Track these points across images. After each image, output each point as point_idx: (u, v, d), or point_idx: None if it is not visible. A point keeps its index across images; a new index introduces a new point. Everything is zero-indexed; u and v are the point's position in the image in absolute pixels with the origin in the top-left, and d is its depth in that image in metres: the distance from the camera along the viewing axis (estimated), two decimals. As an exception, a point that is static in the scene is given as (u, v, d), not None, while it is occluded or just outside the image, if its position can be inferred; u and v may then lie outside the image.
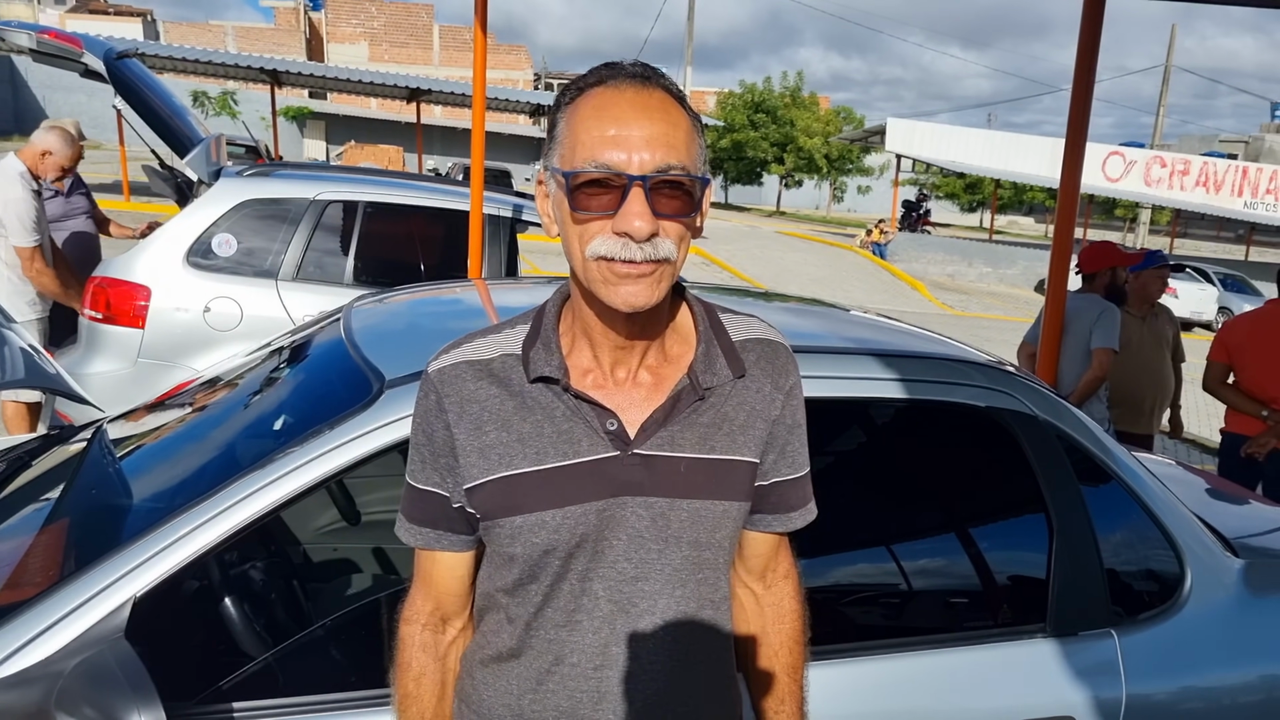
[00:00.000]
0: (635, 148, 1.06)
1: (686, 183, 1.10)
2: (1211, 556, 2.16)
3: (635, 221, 1.06)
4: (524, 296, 2.63)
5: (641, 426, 1.18)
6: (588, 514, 1.17)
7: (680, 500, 1.19)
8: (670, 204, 1.09)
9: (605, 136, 1.07)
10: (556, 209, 1.16)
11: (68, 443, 2.57)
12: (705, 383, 1.20)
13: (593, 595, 1.19)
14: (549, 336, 1.21)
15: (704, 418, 1.21)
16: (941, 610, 2.09)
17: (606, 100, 1.09)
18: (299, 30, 50.24)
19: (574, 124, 1.11)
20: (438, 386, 1.22)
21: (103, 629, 1.48)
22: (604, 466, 1.17)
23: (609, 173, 1.07)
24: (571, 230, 1.12)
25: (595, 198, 1.08)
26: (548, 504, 1.16)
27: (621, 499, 1.18)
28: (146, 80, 5.13)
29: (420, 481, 1.26)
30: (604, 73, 1.13)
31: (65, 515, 2.00)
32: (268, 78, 22.33)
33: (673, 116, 1.10)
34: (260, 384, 2.31)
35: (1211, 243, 46.79)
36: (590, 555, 1.18)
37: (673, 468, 1.19)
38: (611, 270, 1.09)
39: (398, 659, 1.31)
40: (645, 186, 1.06)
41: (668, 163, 1.07)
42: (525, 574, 1.20)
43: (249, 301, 4.56)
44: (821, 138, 42.13)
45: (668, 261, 1.10)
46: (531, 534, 1.17)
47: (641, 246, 1.07)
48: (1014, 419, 2.02)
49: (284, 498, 1.60)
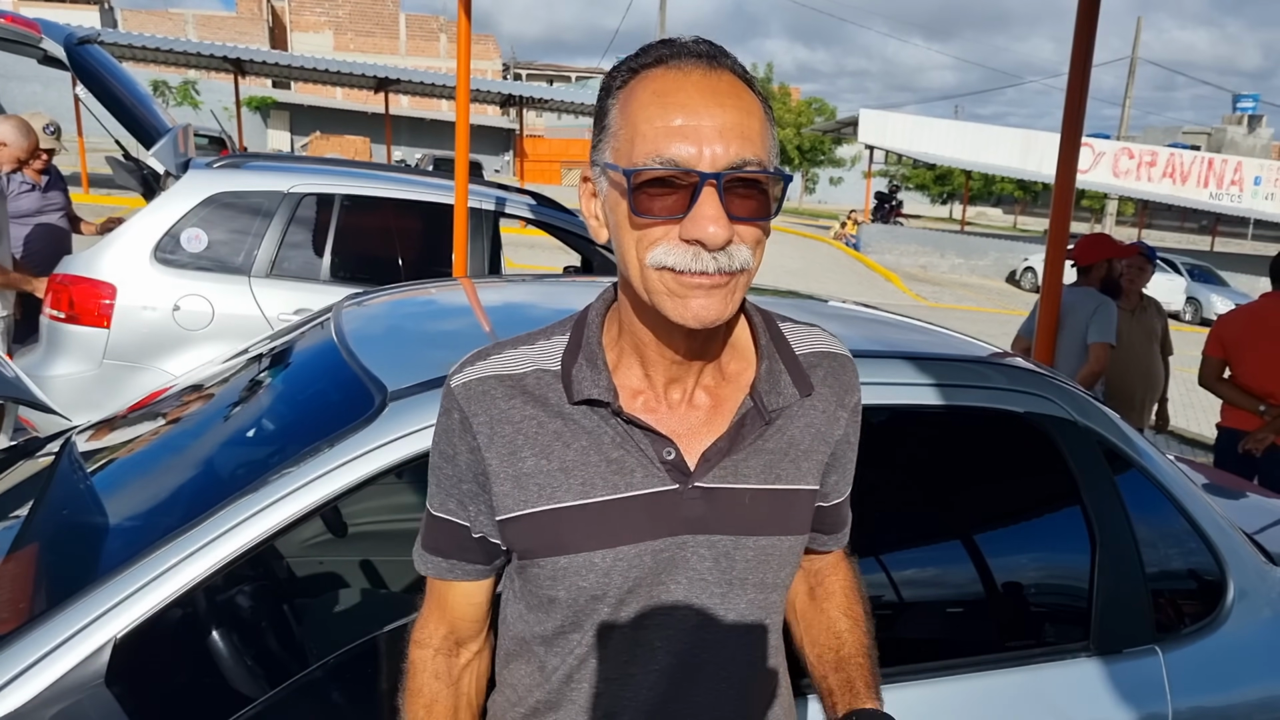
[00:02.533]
0: (707, 140, 0.91)
1: (764, 180, 0.95)
2: (1254, 566, 2.07)
3: (710, 227, 0.91)
4: (523, 296, 2.49)
5: (703, 456, 1.04)
6: (643, 555, 1.03)
7: (746, 538, 1.06)
8: (746, 205, 0.94)
9: (671, 127, 0.92)
10: (609, 210, 1.00)
11: (33, 456, 2.39)
12: (771, 404, 1.07)
13: (649, 646, 1.06)
14: (594, 351, 1.06)
15: (770, 444, 1.07)
16: (980, 630, 1.98)
17: (670, 84, 0.94)
18: (262, 19, 49.38)
19: (631, 112, 0.95)
20: (463, 404, 1.06)
21: (80, 675, 1.34)
22: (661, 501, 1.03)
23: (677, 170, 0.91)
24: (627, 235, 0.96)
25: (659, 199, 0.93)
26: (597, 543, 1.03)
27: (681, 538, 1.04)
28: (109, 67, 4.92)
29: (436, 508, 1.13)
30: (663, 51, 0.97)
31: (34, 540, 1.84)
32: (231, 67, 21.91)
33: (746, 103, 0.95)
34: (247, 394, 2.15)
35: (1176, 233, 47.41)
36: (645, 601, 1.04)
37: (737, 501, 1.05)
38: (679, 281, 0.94)
39: (408, 685, 1.19)
40: (719, 186, 0.91)
41: (743, 157, 0.92)
42: (568, 621, 1.07)
43: (220, 299, 4.38)
44: (793, 129, 42.12)
45: (743, 272, 0.96)
46: (578, 577, 1.03)
47: (715, 256, 0.92)
48: (1053, 424, 1.91)
49: (280, 524, 1.46)
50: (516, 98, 24.53)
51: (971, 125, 29.00)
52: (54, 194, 5.25)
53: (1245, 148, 48.72)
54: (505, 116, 43.15)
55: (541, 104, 26.44)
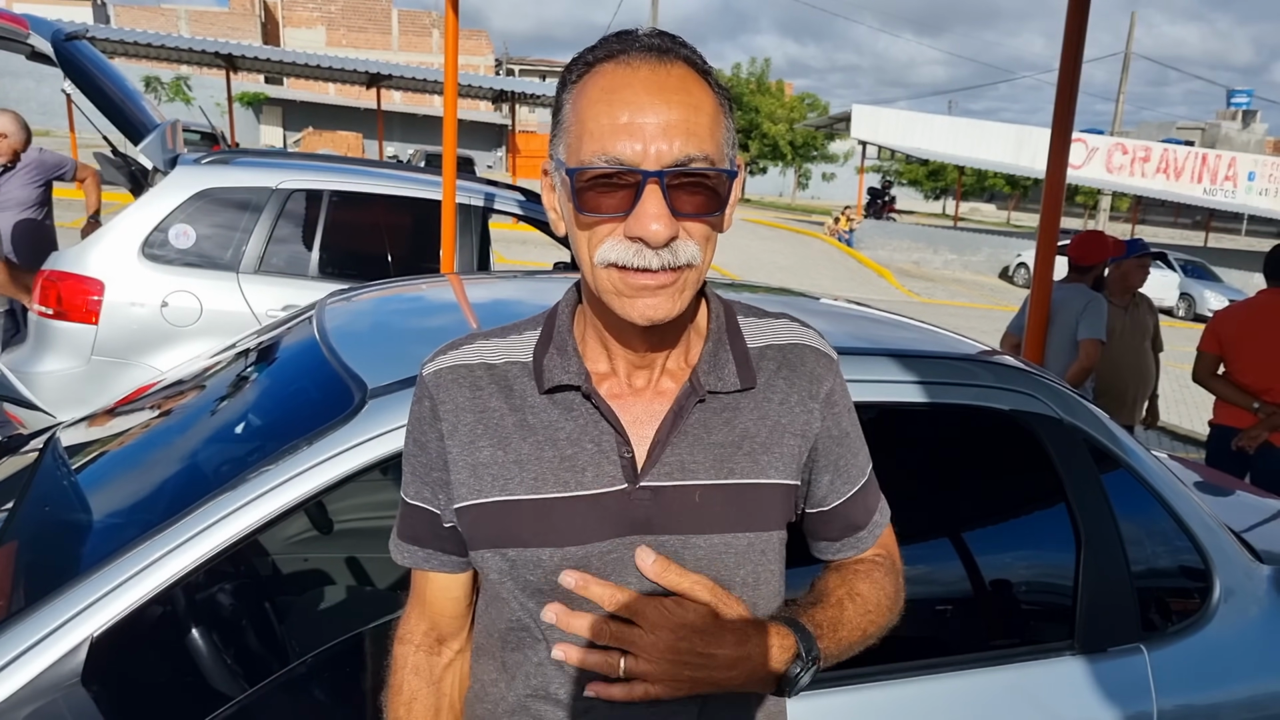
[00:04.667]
0: (651, 138, 0.91)
1: (711, 177, 0.95)
2: (1240, 565, 2.06)
3: (651, 225, 0.91)
4: (509, 292, 2.47)
5: (649, 449, 1.03)
6: (589, 556, 1.02)
7: (695, 537, 1.03)
8: (692, 201, 0.94)
9: (616, 125, 0.92)
10: (563, 206, 1.01)
11: (17, 453, 2.37)
12: (709, 385, 1.05)
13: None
14: (564, 340, 1.07)
15: (717, 436, 1.05)
16: (965, 629, 1.97)
17: (618, 80, 0.93)
18: (254, 14, 49.16)
19: (580, 109, 0.95)
20: (433, 391, 1.08)
21: (56, 673, 1.33)
22: (607, 501, 1.02)
23: (620, 168, 0.92)
24: (578, 232, 0.97)
25: (605, 196, 0.93)
26: (543, 540, 1.02)
27: (628, 539, 1.02)
28: (97, 63, 4.88)
29: (411, 496, 1.13)
30: (614, 45, 0.96)
31: (14, 538, 1.82)
32: (223, 62, 21.79)
33: (695, 97, 0.94)
34: (228, 391, 2.14)
35: (1170, 229, 47.50)
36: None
37: (685, 498, 1.03)
38: (625, 281, 0.94)
39: (390, 681, 1.19)
40: (662, 183, 0.91)
41: (688, 154, 0.92)
42: (519, 620, 1.06)
43: (209, 295, 4.36)
44: (786, 124, 42.06)
45: (690, 267, 0.96)
46: (526, 570, 1.03)
47: (659, 253, 0.93)
48: (1039, 423, 1.90)
49: (259, 521, 1.45)
50: (509, 93, 24.44)
51: (965, 120, 29.03)
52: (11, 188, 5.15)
53: (1239, 143, 48.79)
54: (498, 112, 43.08)
55: (533, 99, 26.35)
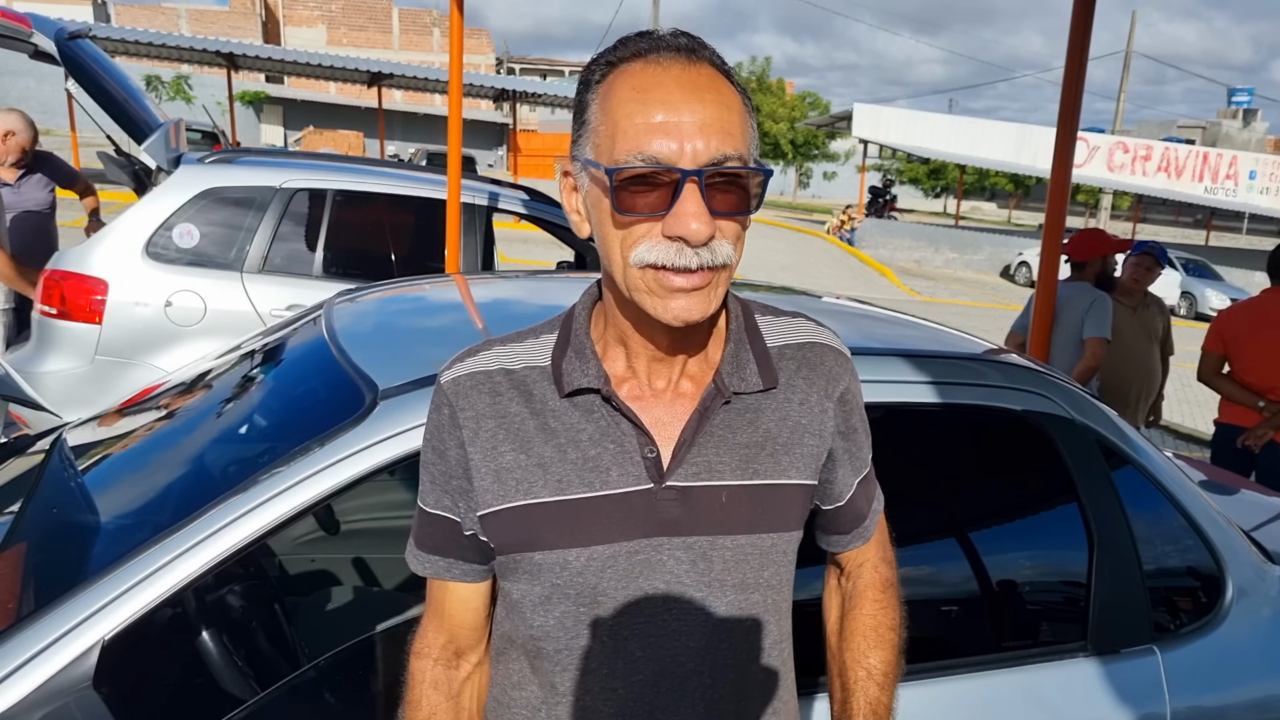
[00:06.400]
0: (688, 136, 0.91)
1: (745, 175, 0.95)
2: (1252, 565, 2.05)
3: (692, 224, 0.91)
4: (517, 292, 2.47)
5: (674, 450, 1.03)
6: (617, 556, 1.02)
7: (723, 538, 1.04)
8: (727, 200, 0.94)
9: (652, 124, 0.91)
10: (592, 206, 1.00)
11: (24, 454, 2.37)
12: (733, 386, 1.05)
13: (629, 656, 1.04)
14: (582, 343, 1.06)
15: (742, 437, 1.06)
16: (977, 631, 1.96)
17: (649, 79, 0.93)
18: (254, 13, 49.14)
19: (611, 108, 0.95)
20: (452, 399, 1.07)
21: (67, 677, 1.32)
22: (634, 501, 1.02)
23: (659, 167, 0.91)
24: (611, 232, 0.96)
25: (642, 196, 0.93)
26: (570, 541, 1.02)
27: (656, 540, 1.03)
28: (100, 62, 4.88)
29: (430, 505, 1.12)
30: (641, 44, 0.96)
31: (22, 540, 1.82)
32: (224, 61, 21.81)
33: (725, 97, 0.95)
34: (236, 392, 2.13)
35: (1171, 228, 47.45)
36: (622, 606, 1.02)
37: (713, 499, 1.03)
38: (660, 281, 0.94)
39: (407, 696, 1.17)
40: (700, 182, 0.91)
41: (724, 152, 0.92)
42: (546, 623, 1.06)
43: (212, 295, 4.36)
44: (787, 123, 42.03)
45: (725, 267, 0.96)
46: (552, 574, 1.03)
47: (698, 252, 0.93)
48: (1050, 422, 1.90)
49: (271, 524, 1.44)
50: (510, 92, 24.45)
51: (966, 119, 29.01)
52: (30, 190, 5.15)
53: (1240, 142, 48.77)
54: (499, 111, 43.07)
55: (534, 99, 26.38)
